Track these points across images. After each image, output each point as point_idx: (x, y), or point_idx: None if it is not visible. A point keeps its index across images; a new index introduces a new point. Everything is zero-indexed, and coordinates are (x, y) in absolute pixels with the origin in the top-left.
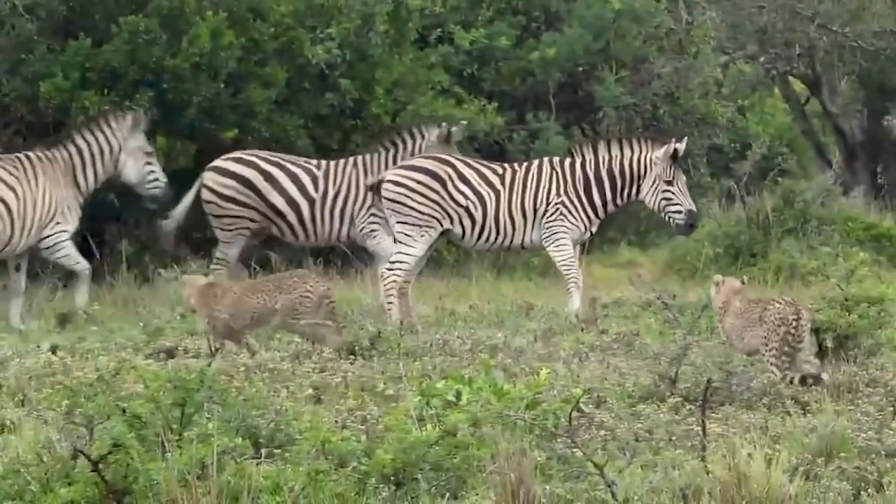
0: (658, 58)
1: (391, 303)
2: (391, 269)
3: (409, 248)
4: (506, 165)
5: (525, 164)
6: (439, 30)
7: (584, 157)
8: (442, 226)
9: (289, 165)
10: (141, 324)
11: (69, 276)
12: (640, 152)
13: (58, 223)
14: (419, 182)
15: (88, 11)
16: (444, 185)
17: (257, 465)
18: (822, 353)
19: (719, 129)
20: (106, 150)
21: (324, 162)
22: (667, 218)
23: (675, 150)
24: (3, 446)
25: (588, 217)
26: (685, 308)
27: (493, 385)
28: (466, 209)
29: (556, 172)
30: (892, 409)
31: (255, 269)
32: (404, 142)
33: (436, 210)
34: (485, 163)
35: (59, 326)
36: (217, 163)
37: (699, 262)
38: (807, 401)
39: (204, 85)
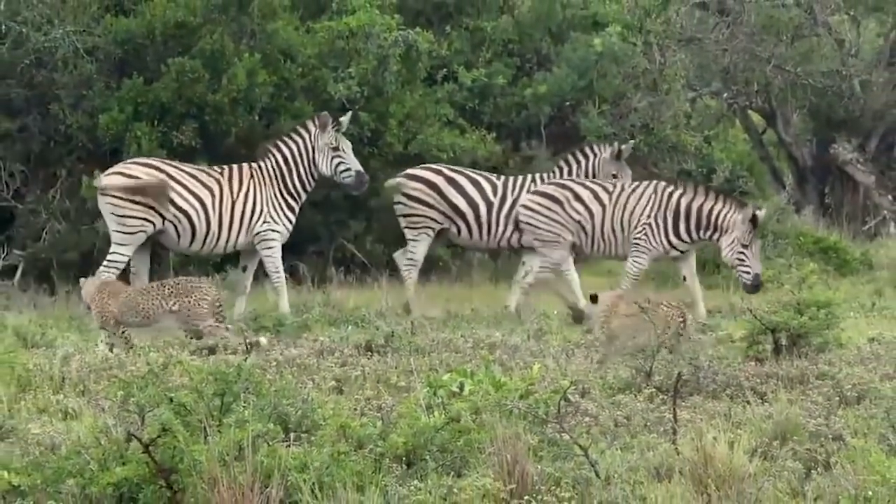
0: (635, 94)
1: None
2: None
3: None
4: (615, 184)
5: (633, 184)
6: (445, 70)
7: (684, 190)
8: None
9: (472, 174)
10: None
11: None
12: (726, 209)
13: (265, 223)
14: (541, 205)
15: (140, 54)
16: (561, 206)
17: (287, 447)
18: (777, 350)
19: (688, 156)
20: (303, 154)
21: (504, 176)
22: (737, 276)
23: (755, 215)
24: (66, 431)
25: (667, 241)
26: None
27: (491, 378)
28: (579, 223)
29: (654, 196)
30: (838, 398)
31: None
32: (577, 161)
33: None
34: (599, 182)
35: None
36: (407, 171)
37: (671, 272)
38: (764, 391)
39: (241, 117)
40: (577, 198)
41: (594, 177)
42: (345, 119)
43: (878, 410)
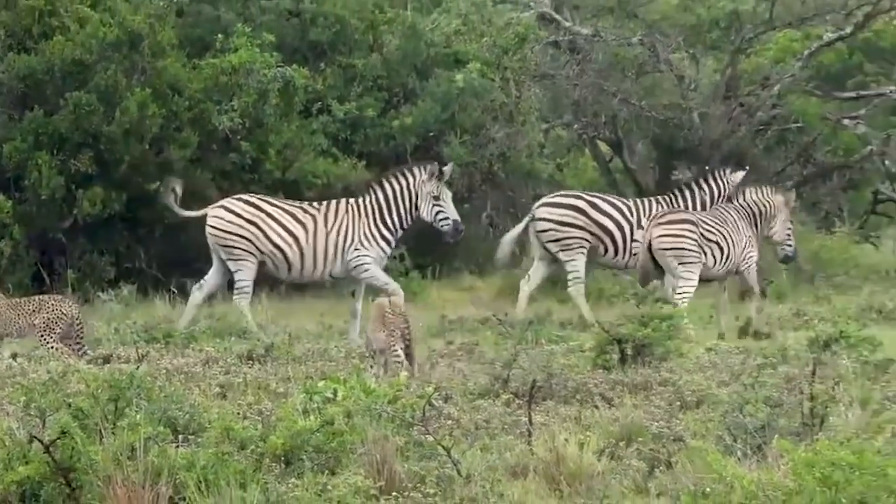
0: (493, 125)
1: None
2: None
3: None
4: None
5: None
6: (319, 103)
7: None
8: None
9: (611, 199)
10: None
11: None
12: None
13: (356, 250)
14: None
15: (41, 88)
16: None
17: (175, 447)
18: (623, 359)
19: (542, 182)
20: (405, 196)
21: (639, 200)
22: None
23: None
24: None
25: None
26: (515, 324)
27: (362, 384)
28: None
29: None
30: (678, 403)
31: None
32: (691, 190)
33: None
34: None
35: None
36: (546, 199)
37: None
38: (611, 397)
39: (133, 147)
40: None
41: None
42: (447, 169)
43: (715, 414)
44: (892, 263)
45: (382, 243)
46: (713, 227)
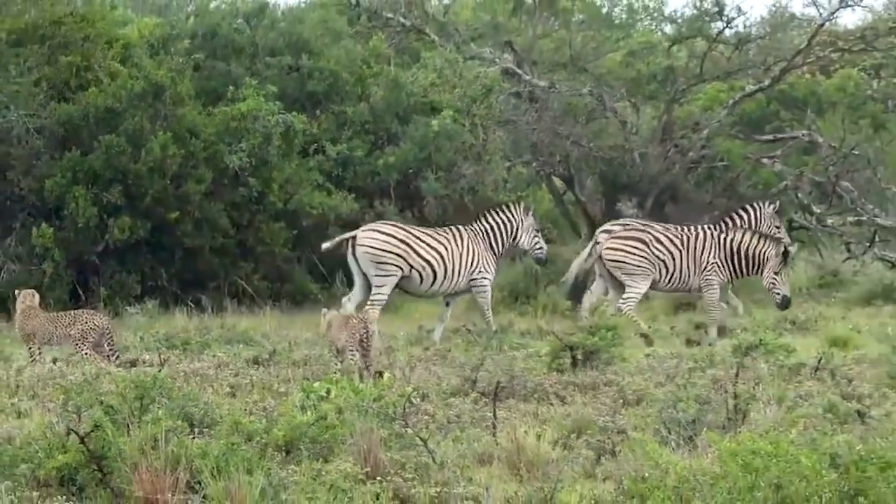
0: (463, 163)
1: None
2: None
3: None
4: (685, 228)
5: (690, 229)
6: (315, 144)
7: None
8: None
9: (666, 229)
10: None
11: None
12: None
13: (480, 271)
14: (631, 244)
15: (78, 132)
16: (647, 245)
17: (192, 439)
18: (574, 363)
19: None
20: (508, 227)
21: (689, 227)
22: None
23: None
24: (19, 427)
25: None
26: (482, 333)
27: (351, 385)
28: (664, 262)
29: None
30: (621, 401)
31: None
32: (739, 216)
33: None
34: (670, 227)
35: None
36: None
37: (492, 301)
38: (564, 395)
39: (156, 182)
40: (658, 241)
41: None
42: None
43: (653, 410)
44: (804, 281)
45: (494, 266)
46: (665, 247)
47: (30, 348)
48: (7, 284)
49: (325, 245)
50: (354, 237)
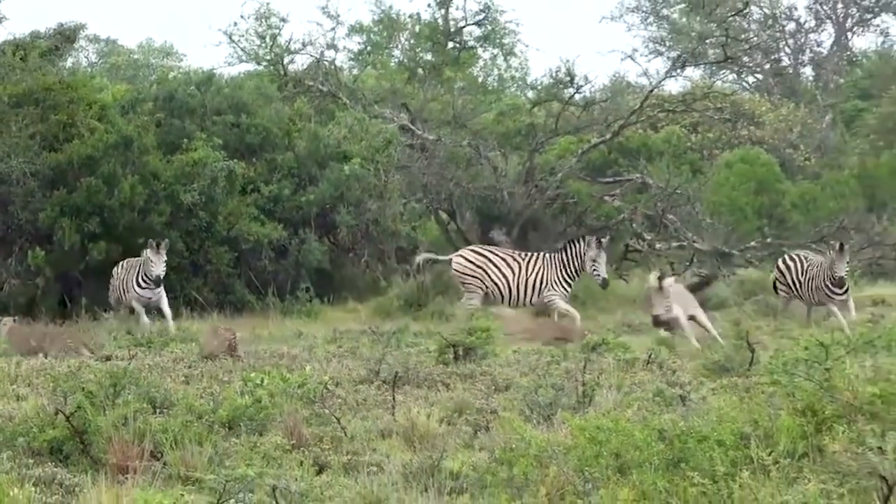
0: (369, 200)
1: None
2: None
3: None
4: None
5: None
6: (252, 185)
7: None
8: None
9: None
10: (92, 342)
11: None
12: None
13: (549, 290)
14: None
15: (65, 175)
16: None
17: (154, 418)
18: (456, 357)
19: (402, 239)
20: (577, 256)
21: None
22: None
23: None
24: (18, 408)
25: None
26: (384, 334)
27: (281, 375)
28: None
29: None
30: (493, 387)
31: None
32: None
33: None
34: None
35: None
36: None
37: (392, 308)
38: (448, 383)
39: (127, 215)
40: None
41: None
42: (605, 241)
43: (518, 395)
44: (636, 294)
45: (566, 286)
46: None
47: None
48: (7, 296)
49: (417, 259)
50: (450, 260)
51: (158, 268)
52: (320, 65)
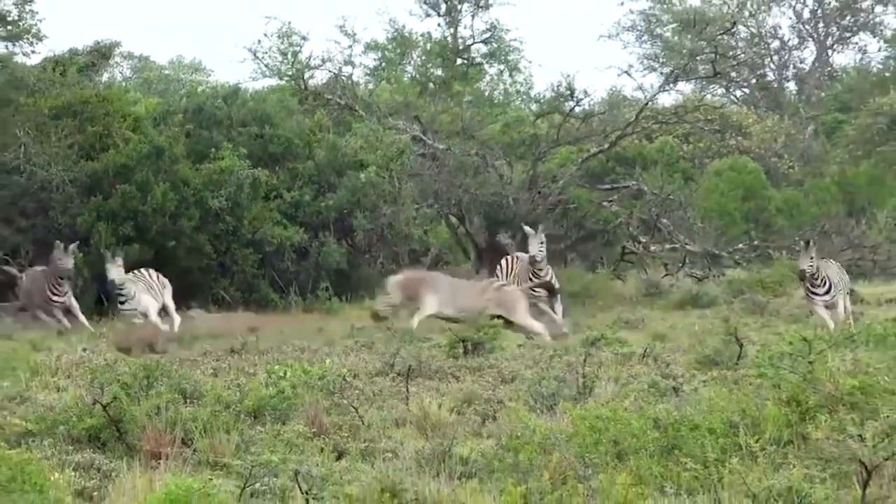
0: (384, 205)
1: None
2: None
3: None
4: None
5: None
6: (275, 191)
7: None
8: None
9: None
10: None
11: None
12: None
13: None
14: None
15: (101, 182)
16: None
17: (185, 407)
18: (465, 351)
19: (415, 242)
20: None
21: None
22: None
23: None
24: (59, 399)
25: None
26: (398, 330)
27: (303, 368)
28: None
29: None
30: (500, 379)
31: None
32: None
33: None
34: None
35: None
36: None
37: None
38: (458, 375)
39: (159, 219)
40: None
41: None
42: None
43: (524, 386)
44: (633, 292)
45: None
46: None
47: None
48: None
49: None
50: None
51: (68, 263)
52: (338, 80)
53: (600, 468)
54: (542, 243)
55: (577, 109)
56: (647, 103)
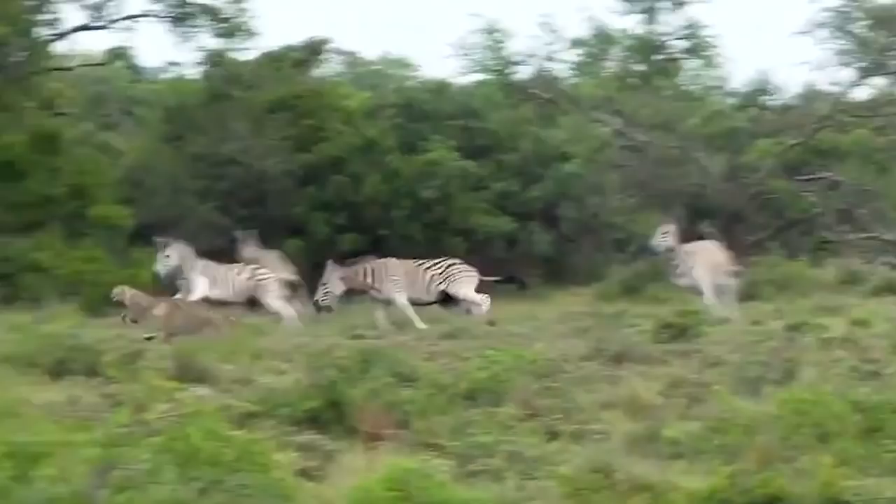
0: (589, 195)
1: None
2: None
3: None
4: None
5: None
6: (483, 182)
7: None
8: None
9: None
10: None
11: None
12: None
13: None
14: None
15: (315, 174)
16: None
17: (402, 390)
18: (672, 336)
19: (620, 231)
20: None
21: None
22: None
23: None
24: (279, 382)
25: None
26: (606, 316)
27: (515, 352)
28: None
29: None
30: (706, 363)
31: None
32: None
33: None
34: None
35: None
36: None
37: (612, 293)
38: (665, 359)
39: (371, 209)
40: None
41: None
42: None
43: (728, 370)
44: (832, 279)
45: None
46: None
47: None
48: None
49: None
50: None
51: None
52: (542, 75)
53: (804, 450)
54: (664, 234)
55: (774, 103)
56: (841, 98)
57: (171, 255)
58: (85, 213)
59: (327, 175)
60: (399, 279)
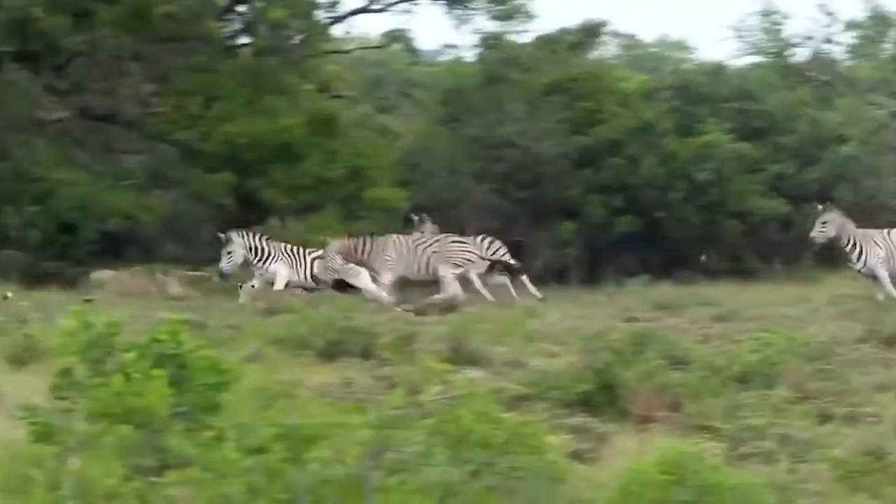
0: (865, 178)
1: None
2: None
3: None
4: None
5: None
6: (758, 165)
7: None
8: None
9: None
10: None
11: None
12: None
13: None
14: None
15: (591, 156)
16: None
17: (674, 373)
18: None
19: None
20: None
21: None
22: None
23: None
24: (550, 364)
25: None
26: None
27: (787, 335)
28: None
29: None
30: None
31: None
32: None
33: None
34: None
35: None
36: None
37: None
38: None
39: (647, 191)
40: None
41: None
42: None
43: None
44: None
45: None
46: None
47: None
48: (542, 266)
49: None
50: None
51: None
52: (819, 57)
53: None
54: (824, 224)
55: None
56: None
57: (234, 252)
58: (362, 195)
59: (603, 158)
60: (391, 259)
